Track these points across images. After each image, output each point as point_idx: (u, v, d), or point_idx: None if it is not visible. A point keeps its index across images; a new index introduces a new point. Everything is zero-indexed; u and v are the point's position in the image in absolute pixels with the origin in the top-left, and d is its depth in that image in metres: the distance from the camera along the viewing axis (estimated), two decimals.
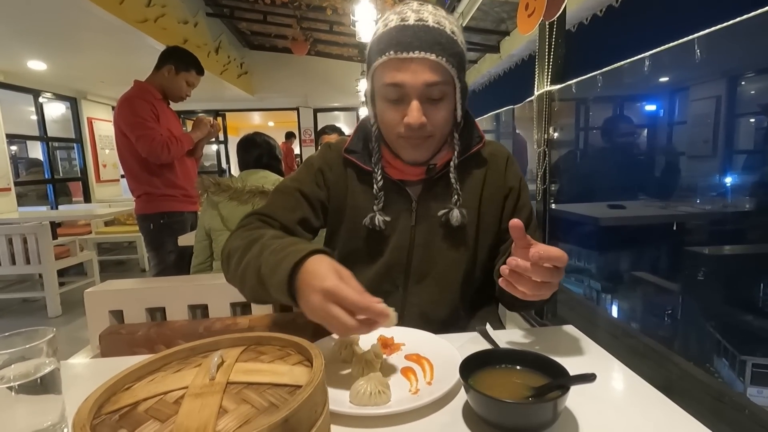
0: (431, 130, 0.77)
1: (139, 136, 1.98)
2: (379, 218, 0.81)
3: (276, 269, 0.61)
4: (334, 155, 0.89)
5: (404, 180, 0.84)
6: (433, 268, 0.84)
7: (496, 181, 0.88)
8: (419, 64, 0.72)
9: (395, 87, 0.73)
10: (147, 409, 0.38)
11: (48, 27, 3.13)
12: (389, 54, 0.72)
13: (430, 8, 0.75)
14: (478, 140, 0.86)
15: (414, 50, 0.71)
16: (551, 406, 0.47)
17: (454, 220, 0.81)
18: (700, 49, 1.10)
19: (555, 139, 1.63)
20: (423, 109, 0.74)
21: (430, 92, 0.74)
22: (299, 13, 4.57)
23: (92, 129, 5.65)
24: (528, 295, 0.60)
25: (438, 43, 0.71)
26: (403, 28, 0.72)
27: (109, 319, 1.17)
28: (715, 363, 1.61)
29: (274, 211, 0.83)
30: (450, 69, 0.73)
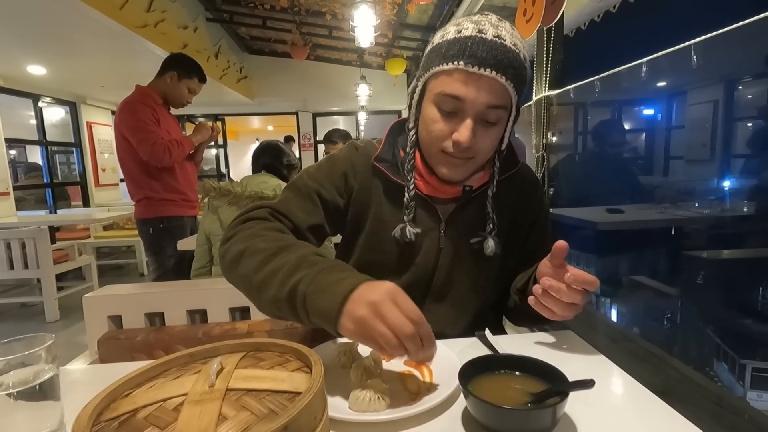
0: (475, 153, 0.73)
1: (140, 140, 1.99)
2: (410, 230, 0.76)
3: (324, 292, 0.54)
4: (361, 160, 0.82)
5: (433, 197, 0.80)
6: (454, 291, 0.82)
7: (524, 207, 0.86)
8: (487, 83, 0.67)
9: (455, 99, 0.69)
10: (146, 416, 0.38)
11: (48, 31, 3.14)
12: (458, 63, 0.67)
13: (508, 26, 0.71)
14: (515, 164, 0.84)
15: (487, 68, 0.66)
16: (550, 412, 0.47)
17: (488, 250, 0.77)
18: (697, 55, 1.11)
19: (553, 143, 1.64)
20: (475, 130, 0.70)
21: (488, 114, 0.70)
22: (299, 18, 4.59)
23: (91, 133, 5.65)
24: (556, 314, 0.63)
25: (511, 66, 0.67)
26: (480, 42, 0.67)
27: (108, 324, 1.16)
28: (714, 367, 1.61)
29: (289, 210, 0.76)
30: (513, 96, 0.70)
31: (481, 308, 0.84)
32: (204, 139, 2.28)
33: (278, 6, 4.27)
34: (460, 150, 0.71)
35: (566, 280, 0.60)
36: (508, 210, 0.83)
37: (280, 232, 0.70)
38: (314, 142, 7.44)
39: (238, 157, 10.17)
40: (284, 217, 0.75)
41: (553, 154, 1.66)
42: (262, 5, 4.42)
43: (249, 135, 11.66)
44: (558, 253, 0.62)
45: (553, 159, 1.66)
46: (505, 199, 0.83)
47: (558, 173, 2.00)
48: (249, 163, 1.99)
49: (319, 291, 0.54)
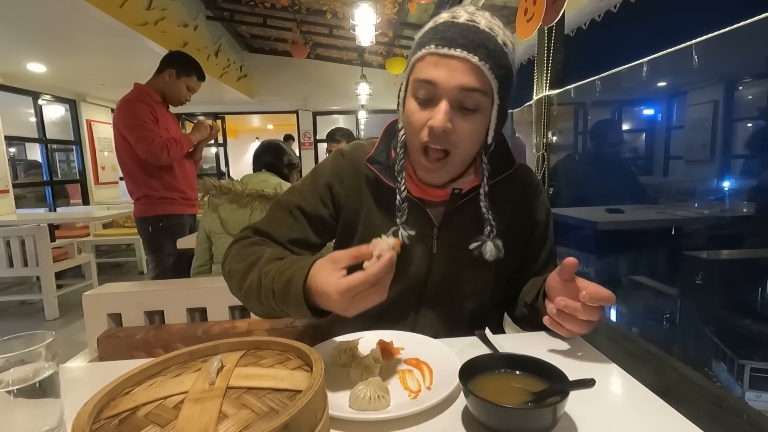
0: (453, 143, 0.68)
1: (138, 138, 1.99)
2: (403, 233, 0.73)
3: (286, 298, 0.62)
4: (347, 166, 0.81)
5: (424, 200, 0.77)
6: (450, 298, 0.80)
7: (524, 212, 0.82)
8: (459, 64, 0.64)
9: (427, 84, 0.66)
10: (147, 414, 0.38)
11: (48, 29, 3.14)
12: (429, 48, 0.65)
13: (488, 15, 0.69)
14: (510, 165, 0.79)
15: (457, 48, 0.64)
16: (550, 411, 0.47)
17: (488, 254, 0.72)
18: (698, 55, 1.11)
19: (554, 143, 1.64)
20: (452, 116, 0.66)
21: (464, 99, 0.66)
22: (299, 16, 4.59)
23: (91, 131, 5.64)
24: (573, 333, 0.62)
25: (484, 46, 0.64)
26: (451, 25, 0.66)
27: (108, 322, 1.16)
28: (713, 367, 1.61)
29: (270, 227, 0.79)
30: (491, 79, 0.65)
31: (477, 313, 0.81)
32: (203, 137, 2.28)
33: (279, 4, 4.26)
34: (435, 137, 0.67)
35: (582, 299, 0.59)
36: (506, 214, 0.80)
37: (255, 246, 0.75)
38: (314, 141, 7.43)
39: (238, 156, 10.16)
40: (266, 234, 0.79)
41: (554, 154, 1.66)
42: (262, 4, 4.41)
43: (249, 134, 11.65)
44: (567, 269, 0.62)
45: (553, 159, 1.66)
46: (502, 202, 0.79)
47: (558, 173, 2.00)
48: (249, 161, 1.99)
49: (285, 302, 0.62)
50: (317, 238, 0.82)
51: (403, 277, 0.78)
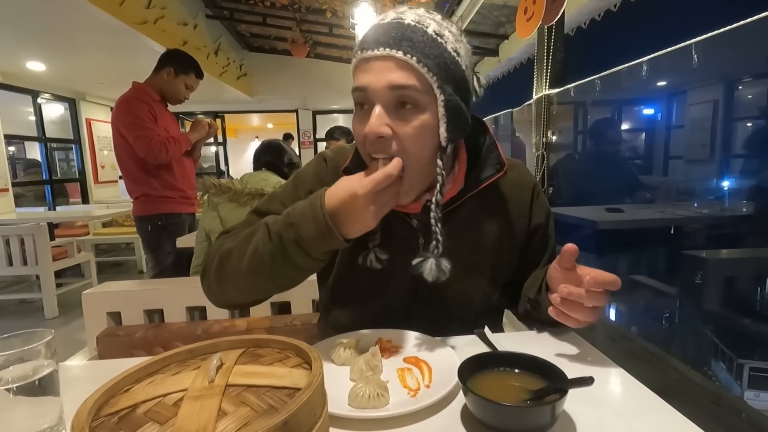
0: (399, 149, 0.63)
1: (136, 137, 1.99)
2: (372, 256, 0.71)
3: (305, 224, 0.61)
4: (330, 172, 0.78)
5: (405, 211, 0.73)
6: (441, 308, 0.77)
7: (520, 216, 0.78)
8: (384, 62, 0.60)
9: (359, 92, 0.63)
10: (146, 411, 0.38)
11: (47, 28, 3.13)
12: (356, 55, 0.63)
13: (421, 11, 0.64)
14: (498, 169, 0.74)
15: (379, 47, 0.60)
16: (549, 409, 0.47)
17: (426, 272, 0.65)
18: (698, 54, 1.11)
19: (553, 142, 1.64)
20: (389, 119, 0.62)
21: (398, 98, 0.61)
22: (299, 15, 4.58)
23: (91, 130, 5.64)
24: (581, 322, 0.59)
25: (408, 39, 0.60)
26: (375, 27, 0.63)
27: (107, 320, 1.16)
28: (712, 366, 1.61)
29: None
30: (425, 73, 0.60)
31: (470, 320, 0.78)
32: (201, 135, 2.27)
33: (278, 3, 4.26)
34: (375, 145, 0.63)
35: (586, 285, 0.56)
36: (500, 217, 0.77)
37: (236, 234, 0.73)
38: (314, 139, 7.43)
39: (237, 155, 10.15)
40: None
41: (553, 153, 1.66)
42: (262, 2, 4.41)
43: (248, 133, 11.64)
44: (567, 256, 0.59)
45: (553, 158, 1.66)
46: (496, 206, 0.76)
47: (558, 172, 2.00)
48: (249, 160, 1.99)
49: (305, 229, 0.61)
50: None
51: (389, 292, 0.76)
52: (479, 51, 4.35)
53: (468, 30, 3.32)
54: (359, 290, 0.78)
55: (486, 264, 0.77)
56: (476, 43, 4.18)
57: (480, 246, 0.76)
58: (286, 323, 1.09)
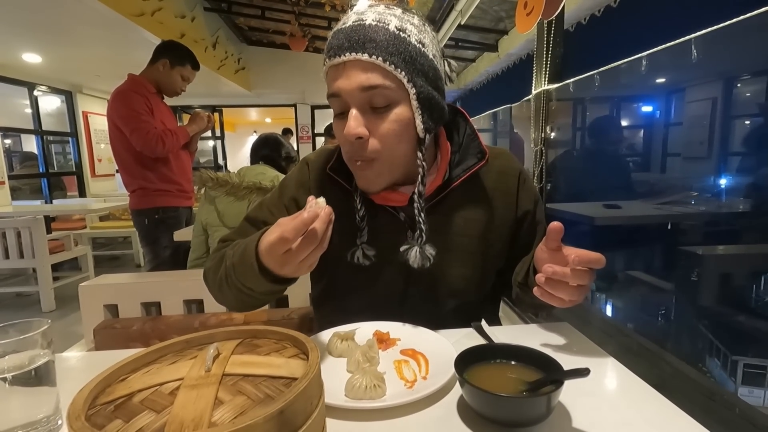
0: (375, 148, 0.66)
1: (133, 129, 1.97)
2: (359, 253, 0.73)
3: (244, 266, 0.63)
4: (313, 176, 0.81)
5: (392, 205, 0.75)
6: (433, 298, 0.78)
7: (506, 203, 0.79)
8: (352, 67, 0.63)
9: (334, 98, 0.66)
10: (142, 400, 0.38)
11: (44, 19, 3.10)
12: (326, 63, 0.65)
13: (381, 8, 0.66)
14: (479, 158, 0.75)
15: (344, 53, 0.62)
16: (545, 400, 0.47)
17: (411, 260, 0.68)
18: (697, 50, 1.11)
19: (552, 138, 1.64)
20: (365, 120, 0.65)
21: (371, 99, 0.64)
22: (297, 9, 4.55)
23: (87, 123, 5.60)
24: (566, 302, 0.59)
25: (372, 40, 0.62)
26: (337, 32, 0.65)
27: (104, 313, 1.16)
28: (707, 362, 1.62)
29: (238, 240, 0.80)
30: (393, 70, 0.62)
31: (463, 311, 0.79)
32: (200, 128, 2.26)
33: None
34: (352, 146, 0.66)
35: (571, 263, 0.56)
36: (487, 206, 0.77)
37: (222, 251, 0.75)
38: (312, 134, 7.41)
39: (235, 149, 10.13)
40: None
41: (552, 149, 1.66)
42: None
43: (246, 127, 11.60)
44: (553, 235, 0.58)
45: (551, 153, 1.66)
46: (482, 195, 0.77)
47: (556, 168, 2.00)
48: (246, 154, 1.99)
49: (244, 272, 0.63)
50: None
51: (379, 286, 0.77)
52: (479, 46, 4.33)
53: (467, 25, 3.30)
54: (350, 286, 0.79)
55: (476, 253, 0.78)
56: (475, 39, 4.17)
57: (468, 235, 0.77)
58: (283, 316, 1.09)
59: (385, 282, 0.77)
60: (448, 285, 0.77)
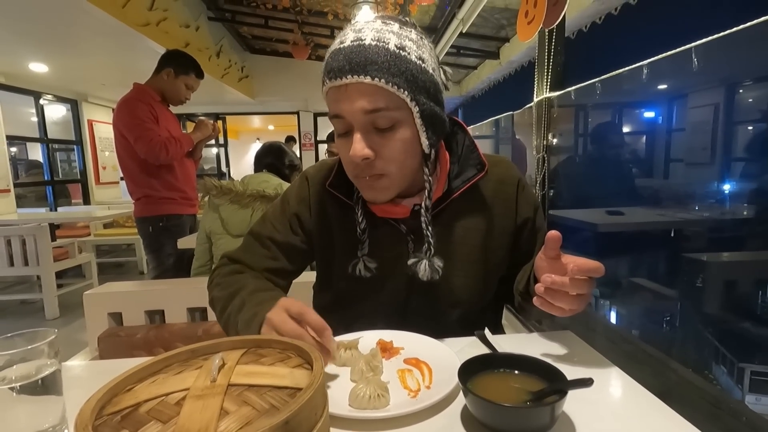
0: (383, 167, 0.66)
1: (137, 137, 1.99)
2: (361, 265, 0.74)
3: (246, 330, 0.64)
4: (312, 191, 0.81)
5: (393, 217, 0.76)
6: (435, 309, 0.78)
7: (506, 211, 0.79)
8: (354, 89, 0.62)
9: (337, 119, 0.66)
10: (149, 410, 0.39)
11: (50, 29, 3.15)
12: (326, 83, 0.65)
13: (378, 24, 0.65)
14: (479, 169, 0.75)
15: (346, 75, 0.61)
16: (549, 410, 0.47)
17: (421, 273, 0.70)
18: (698, 58, 1.11)
19: (554, 145, 1.64)
20: (370, 141, 0.65)
21: (374, 121, 0.64)
22: (300, 18, 4.59)
23: (92, 131, 5.66)
24: (566, 311, 0.59)
25: (373, 62, 0.61)
26: (337, 52, 0.63)
27: (108, 321, 1.17)
28: (713, 370, 1.61)
29: (244, 257, 0.81)
30: (396, 91, 0.62)
31: (466, 320, 0.79)
32: (204, 136, 2.28)
33: (280, 6, 4.27)
34: (359, 167, 0.67)
35: (570, 272, 0.56)
36: (483, 220, 0.78)
37: (236, 275, 0.77)
38: (315, 141, 7.44)
39: (238, 157, 10.17)
40: (243, 265, 0.80)
41: (554, 156, 1.66)
42: (264, 5, 4.42)
43: (250, 134, 11.66)
44: (551, 244, 0.58)
45: (553, 160, 1.67)
46: (481, 205, 0.77)
47: (558, 174, 2.00)
48: (250, 162, 2.00)
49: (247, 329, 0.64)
50: (291, 265, 0.82)
51: (383, 296, 0.78)
52: (480, 53, 4.36)
53: (469, 33, 3.33)
54: (352, 297, 0.80)
55: (478, 262, 0.78)
56: (477, 46, 4.20)
57: (469, 244, 0.77)
58: None
59: (387, 293, 0.78)
60: (450, 294, 0.77)
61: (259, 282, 0.75)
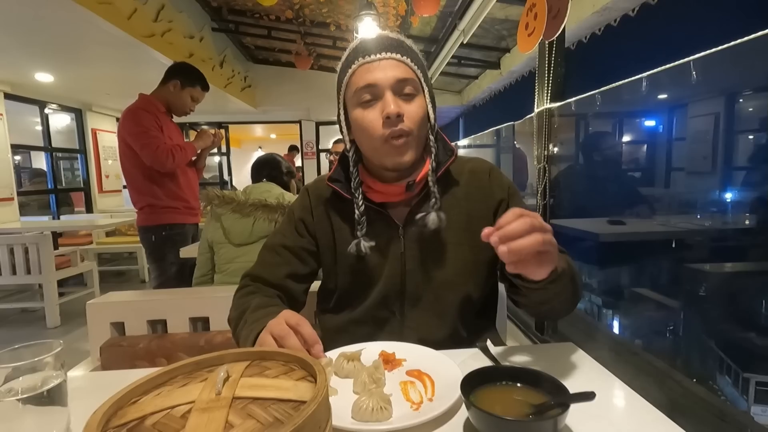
0: (409, 126, 0.78)
1: (143, 145, 2.01)
2: (364, 244, 0.81)
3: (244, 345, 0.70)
4: (313, 198, 0.91)
5: (387, 203, 0.84)
6: (428, 292, 0.84)
7: (481, 197, 0.87)
8: (388, 62, 0.77)
9: (369, 88, 0.77)
10: (154, 423, 0.39)
11: (56, 40, 3.19)
12: (358, 61, 0.78)
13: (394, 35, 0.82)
14: (450, 153, 0.85)
15: (381, 52, 0.77)
16: (551, 423, 0.47)
17: (430, 223, 0.79)
18: (697, 70, 1.12)
19: (555, 155, 1.65)
20: (398, 102, 0.77)
21: (402, 88, 0.77)
22: (303, 28, 4.64)
23: (96, 140, 5.70)
24: (530, 266, 0.57)
25: (401, 46, 0.79)
26: (368, 41, 0.80)
27: (111, 330, 1.17)
28: (717, 381, 1.60)
29: (262, 271, 0.88)
30: (416, 70, 0.79)
31: (460, 306, 0.84)
32: (206, 145, 2.30)
33: (283, 17, 4.33)
34: (393, 123, 0.76)
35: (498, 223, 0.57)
36: (463, 204, 0.85)
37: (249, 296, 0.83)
38: (317, 150, 7.47)
39: (240, 165, 10.20)
40: (260, 278, 0.87)
41: (555, 166, 1.67)
42: (267, 16, 4.47)
43: (252, 143, 11.72)
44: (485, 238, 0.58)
45: (554, 170, 1.67)
46: (457, 194, 0.85)
47: (559, 184, 2.01)
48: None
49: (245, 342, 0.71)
50: (304, 267, 0.90)
51: (379, 281, 0.84)
52: (481, 64, 4.39)
53: (470, 43, 3.36)
54: (361, 281, 0.86)
55: (464, 244, 0.84)
56: (478, 56, 4.23)
57: (453, 228, 0.83)
58: None
59: (385, 278, 0.84)
60: (443, 274, 0.83)
61: (264, 300, 0.81)
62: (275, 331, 0.63)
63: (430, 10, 2.66)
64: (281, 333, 0.62)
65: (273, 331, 0.63)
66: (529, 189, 2.91)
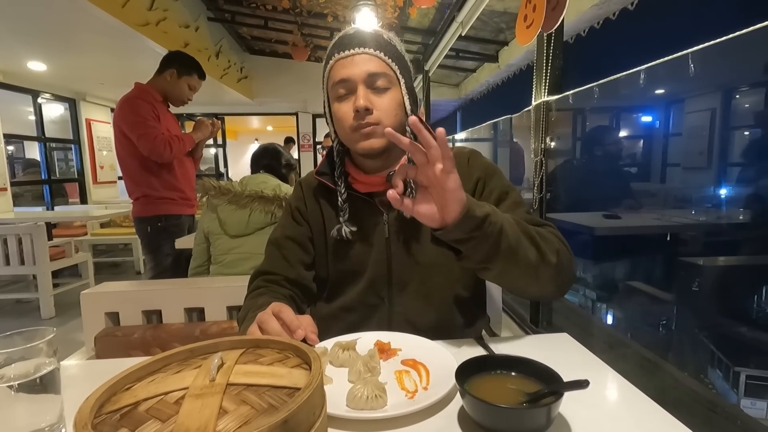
0: (378, 117, 0.80)
1: (141, 135, 1.99)
2: (345, 229, 0.84)
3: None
4: (305, 189, 0.94)
5: (374, 193, 0.87)
6: (414, 276, 0.86)
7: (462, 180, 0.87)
8: (360, 57, 0.79)
9: (343, 82, 0.80)
10: (148, 408, 0.39)
11: (49, 28, 3.14)
12: (334, 57, 0.81)
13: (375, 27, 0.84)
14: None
15: (354, 47, 0.79)
16: (545, 411, 0.47)
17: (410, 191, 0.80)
18: (695, 64, 1.12)
19: (552, 148, 1.65)
20: (369, 97, 0.79)
21: (374, 82, 0.79)
22: (300, 19, 4.59)
23: (90, 130, 5.64)
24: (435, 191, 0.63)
25: (374, 41, 0.80)
26: (343, 36, 0.82)
27: (105, 321, 1.17)
28: (709, 374, 1.62)
29: (272, 266, 0.90)
30: (390, 63, 0.80)
31: (447, 289, 0.86)
32: (204, 135, 2.28)
33: (280, 7, 4.28)
34: (361, 116, 0.79)
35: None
36: None
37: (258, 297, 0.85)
38: (314, 143, 7.44)
39: (237, 157, 10.16)
40: (271, 274, 0.90)
41: (552, 159, 1.67)
42: (263, 6, 4.42)
43: (248, 135, 11.65)
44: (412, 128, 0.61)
45: (551, 164, 1.67)
46: None
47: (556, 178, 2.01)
48: (248, 162, 1.99)
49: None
50: (308, 255, 0.92)
51: (367, 267, 0.86)
52: (479, 57, 4.37)
53: (468, 36, 3.34)
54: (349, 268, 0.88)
55: None
56: (476, 49, 4.21)
57: None
58: None
59: (372, 264, 0.86)
60: (426, 256, 0.85)
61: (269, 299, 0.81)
62: (258, 319, 0.66)
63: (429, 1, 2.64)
64: (262, 319, 0.66)
65: (258, 319, 0.66)
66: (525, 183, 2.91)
